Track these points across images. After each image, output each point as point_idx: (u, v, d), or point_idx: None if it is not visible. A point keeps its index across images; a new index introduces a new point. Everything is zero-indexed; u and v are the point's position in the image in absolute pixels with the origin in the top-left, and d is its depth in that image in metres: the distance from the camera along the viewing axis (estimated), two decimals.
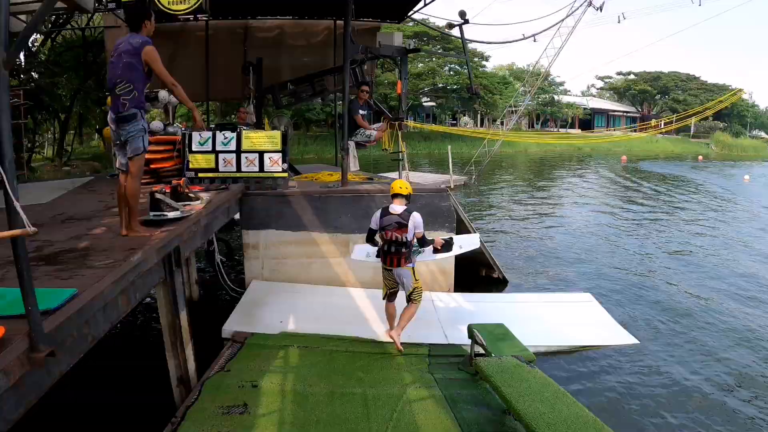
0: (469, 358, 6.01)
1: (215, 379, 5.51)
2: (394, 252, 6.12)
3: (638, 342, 7.26)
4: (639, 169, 37.04)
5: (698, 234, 15.26)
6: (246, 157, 8.28)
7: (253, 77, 10.99)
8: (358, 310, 7.54)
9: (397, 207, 6.16)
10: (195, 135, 8.34)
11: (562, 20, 21.28)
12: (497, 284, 9.66)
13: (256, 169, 8.30)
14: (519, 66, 66.04)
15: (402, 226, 6.03)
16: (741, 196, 24.15)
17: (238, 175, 8.31)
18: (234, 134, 8.29)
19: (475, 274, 9.81)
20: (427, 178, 22.57)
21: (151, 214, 5.77)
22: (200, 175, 8.32)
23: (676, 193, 24.72)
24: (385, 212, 6.17)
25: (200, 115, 5.44)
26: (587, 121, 67.27)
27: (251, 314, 7.25)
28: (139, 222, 5.28)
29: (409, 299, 6.36)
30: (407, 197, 6.29)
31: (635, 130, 57.39)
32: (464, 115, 62.49)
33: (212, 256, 9.62)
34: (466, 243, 7.27)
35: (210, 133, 8.35)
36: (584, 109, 67.80)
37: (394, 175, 9.36)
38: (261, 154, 8.26)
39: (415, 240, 6.18)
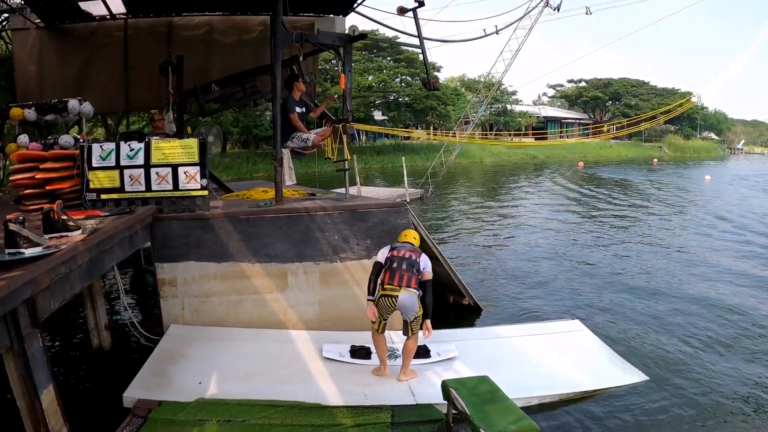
0: (447, 426, 4.52)
1: None
2: (405, 269, 5.52)
3: (648, 378, 5.96)
4: (598, 175, 36.48)
5: (673, 241, 14.41)
6: (157, 173, 6.68)
7: (173, 79, 9.31)
8: (301, 360, 5.93)
9: None
10: (95, 147, 6.75)
11: (519, 19, 20.30)
12: (469, 313, 8.22)
13: (170, 186, 6.70)
14: (470, 77, 65.92)
15: (416, 250, 5.71)
16: (706, 196, 24.04)
17: (148, 195, 6.71)
18: (141, 145, 6.71)
19: (443, 302, 8.33)
20: (381, 193, 21.34)
21: (6, 252, 4.17)
22: (103, 196, 6.70)
23: (642, 198, 24.18)
24: (395, 243, 5.85)
25: None
26: (541, 128, 67.44)
27: (163, 374, 5.61)
28: None
29: (409, 330, 5.62)
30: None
31: (588, 136, 57.62)
32: (417, 128, 61.59)
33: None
34: (443, 351, 6.30)
35: (113, 145, 6.75)
36: (537, 117, 67.91)
37: (343, 190, 7.79)
38: (174, 168, 6.68)
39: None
